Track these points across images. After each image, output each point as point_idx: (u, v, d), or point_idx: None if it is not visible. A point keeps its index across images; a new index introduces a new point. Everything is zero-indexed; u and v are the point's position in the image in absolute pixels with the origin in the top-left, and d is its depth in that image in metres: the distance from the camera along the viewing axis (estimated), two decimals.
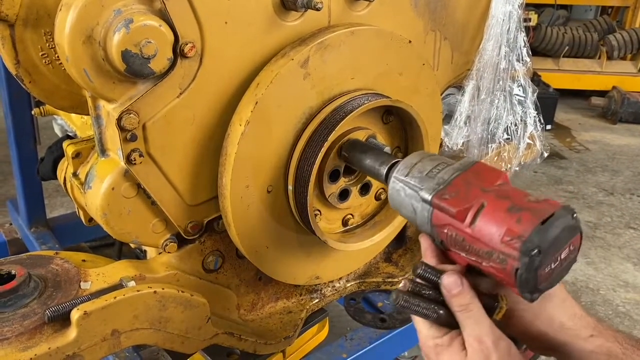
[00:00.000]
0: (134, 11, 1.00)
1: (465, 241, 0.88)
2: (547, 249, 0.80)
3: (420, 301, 0.88)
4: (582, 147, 5.12)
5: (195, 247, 1.32)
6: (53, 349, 1.02)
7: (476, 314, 0.85)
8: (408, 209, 1.00)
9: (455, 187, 0.92)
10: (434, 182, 0.95)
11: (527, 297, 0.84)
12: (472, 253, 0.87)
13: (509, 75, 1.68)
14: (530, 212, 0.82)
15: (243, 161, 1.18)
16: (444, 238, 0.92)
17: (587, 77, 6.07)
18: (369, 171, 1.23)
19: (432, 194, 0.93)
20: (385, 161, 1.17)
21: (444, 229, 0.91)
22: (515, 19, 1.61)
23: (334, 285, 1.64)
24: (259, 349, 1.42)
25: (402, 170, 1.03)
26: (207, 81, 1.13)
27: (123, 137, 1.07)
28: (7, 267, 1.12)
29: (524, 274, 0.81)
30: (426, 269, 0.90)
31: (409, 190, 1.00)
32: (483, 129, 1.71)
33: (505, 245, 0.82)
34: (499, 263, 0.83)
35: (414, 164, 1.02)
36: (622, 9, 7.05)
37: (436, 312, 0.88)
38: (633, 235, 3.60)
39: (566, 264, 0.86)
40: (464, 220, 0.87)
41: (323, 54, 1.20)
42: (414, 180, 0.99)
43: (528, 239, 0.80)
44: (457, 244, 0.90)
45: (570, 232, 0.83)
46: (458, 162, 0.98)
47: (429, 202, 0.93)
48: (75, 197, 1.35)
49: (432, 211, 0.93)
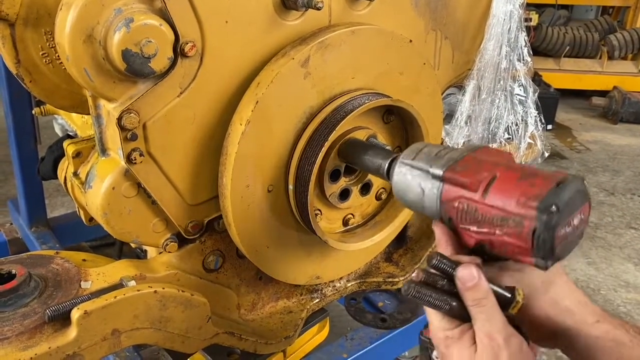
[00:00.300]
0: (135, 10, 1.00)
1: (478, 212, 0.87)
2: (563, 208, 0.80)
3: (433, 292, 0.86)
4: (583, 147, 5.12)
5: (195, 246, 1.31)
6: (53, 348, 1.02)
7: (489, 310, 0.83)
8: (415, 191, 0.99)
9: (466, 162, 0.93)
10: (443, 160, 0.96)
11: (542, 264, 0.82)
12: (485, 224, 0.86)
13: (509, 75, 1.68)
14: (542, 177, 0.83)
15: (243, 161, 1.18)
16: (454, 214, 0.91)
17: (588, 77, 6.07)
18: (369, 168, 1.23)
19: (443, 169, 0.93)
20: (386, 156, 1.18)
21: (454, 203, 0.90)
22: (516, 18, 1.61)
23: (334, 285, 1.64)
24: (260, 349, 1.42)
25: (408, 155, 1.03)
26: (207, 80, 1.13)
27: (123, 137, 1.07)
28: (8, 266, 1.12)
29: (542, 234, 0.80)
30: (441, 260, 0.88)
31: (417, 171, 0.99)
32: (484, 129, 1.71)
33: (522, 207, 0.81)
34: (514, 227, 0.82)
35: (420, 149, 1.03)
36: (623, 9, 7.05)
37: (449, 304, 0.86)
38: (634, 235, 3.59)
39: (578, 232, 0.85)
40: (477, 190, 0.87)
41: (324, 53, 1.20)
42: (421, 162, 0.99)
43: (545, 197, 0.80)
44: (469, 217, 0.88)
45: (582, 197, 0.84)
46: (464, 146, 0.99)
47: (440, 177, 0.93)
48: (76, 197, 1.35)
49: (442, 187, 0.93)
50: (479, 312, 0.83)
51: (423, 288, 0.86)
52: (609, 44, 6.00)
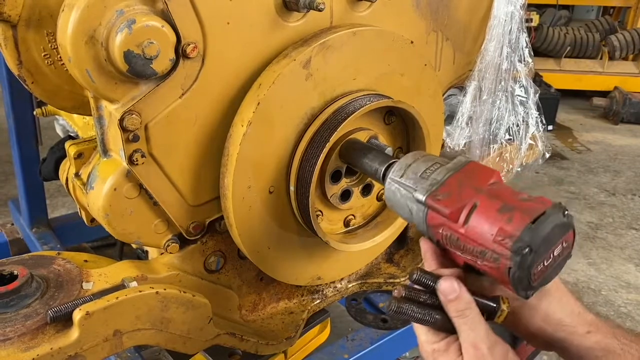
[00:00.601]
0: (137, 12, 1.00)
1: (460, 240, 0.89)
2: (538, 247, 0.81)
3: (415, 307, 0.88)
4: (584, 147, 5.11)
5: (197, 247, 1.32)
6: (55, 349, 1.02)
7: (472, 320, 0.85)
8: (404, 209, 1.01)
9: (448, 187, 0.93)
10: (427, 183, 0.96)
11: (522, 295, 0.85)
12: (467, 252, 0.88)
13: (510, 76, 1.68)
14: (521, 211, 0.84)
15: (245, 162, 1.18)
16: (440, 238, 0.93)
17: (589, 78, 6.07)
18: (367, 171, 1.23)
19: (425, 195, 0.94)
20: (383, 162, 1.18)
21: (439, 229, 0.92)
22: (517, 19, 1.61)
23: (335, 285, 1.64)
24: (261, 350, 1.42)
25: (397, 171, 1.04)
26: (209, 82, 1.13)
27: (125, 138, 1.07)
28: (10, 267, 1.12)
29: (517, 273, 0.82)
30: (422, 275, 0.90)
31: (404, 191, 1.01)
32: (485, 130, 1.71)
33: (498, 245, 0.83)
34: (492, 262, 0.84)
35: (409, 164, 1.04)
36: (623, 9, 7.05)
37: (432, 317, 0.88)
38: (635, 235, 3.59)
39: (560, 260, 0.87)
40: (457, 220, 0.88)
41: (325, 54, 1.20)
42: (409, 182, 1.00)
43: (519, 238, 0.81)
44: (452, 244, 0.91)
45: (562, 230, 0.84)
46: (452, 162, 0.99)
47: (423, 203, 0.94)
48: (77, 198, 1.35)
49: (426, 212, 0.94)
50: (462, 323, 0.85)
51: (405, 304, 0.88)
52: (610, 44, 6.00)
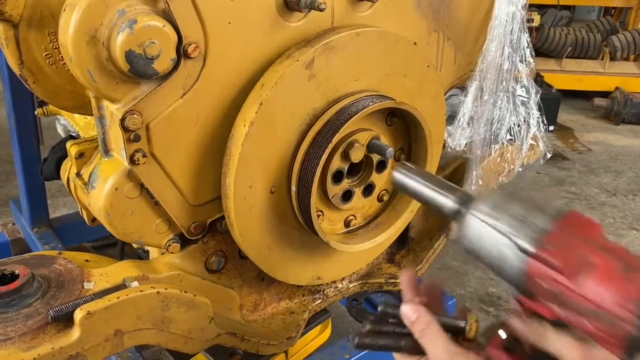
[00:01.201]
0: (138, 12, 1.00)
1: (566, 296, 0.82)
2: None
3: (381, 337, 0.92)
4: (585, 148, 5.11)
5: (198, 247, 1.32)
6: (56, 349, 1.02)
7: (432, 336, 0.88)
8: (492, 253, 0.91)
9: (555, 238, 0.86)
10: (529, 230, 0.88)
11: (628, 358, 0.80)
12: (573, 310, 0.82)
13: (512, 76, 1.68)
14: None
15: (247, 162, 1.18)
16: (536, 290, 0.86)
17: (590, 78, 6.07)
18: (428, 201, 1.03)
19: (533, 244, 0.86)
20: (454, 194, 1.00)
21: (540, 281, 0.85)
22: (519, 19, 1.61)
23: (336, 286, 1.64)
24: (262, 350, 1.42)
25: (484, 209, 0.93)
26: (210, 82, 1.13)
27: (126, 138, 1.07)
28: (11, 267, 1.12)
29: (638, 341, 0.77)
30: (387, 306, 0.95)
31: (496, 233, 0.90)
32: (486, 130, 1.71)
33: (621, 309, 0.78)
34: (607, 325, 0.79)
35: (497, 203, 0.93)
36: (625, 10, 7.04)
37: (398, 343, 0.91)
38: (636, 236, 3.59)
39: None
40: (571, 275, 0.82)
41: (328, 55, 1.20)
42: (504, 225, 0.90)
43: None
44: (554, 298, 0.84)
45: None
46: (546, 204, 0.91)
47: (529, 252, 0.86)
48: (79, 197, 1.35)
49: (527, 261, 0.86)
50: (426, 342, 0.88)
51: (371, 336, 0.92)
52: (611, 44, 6.00)
